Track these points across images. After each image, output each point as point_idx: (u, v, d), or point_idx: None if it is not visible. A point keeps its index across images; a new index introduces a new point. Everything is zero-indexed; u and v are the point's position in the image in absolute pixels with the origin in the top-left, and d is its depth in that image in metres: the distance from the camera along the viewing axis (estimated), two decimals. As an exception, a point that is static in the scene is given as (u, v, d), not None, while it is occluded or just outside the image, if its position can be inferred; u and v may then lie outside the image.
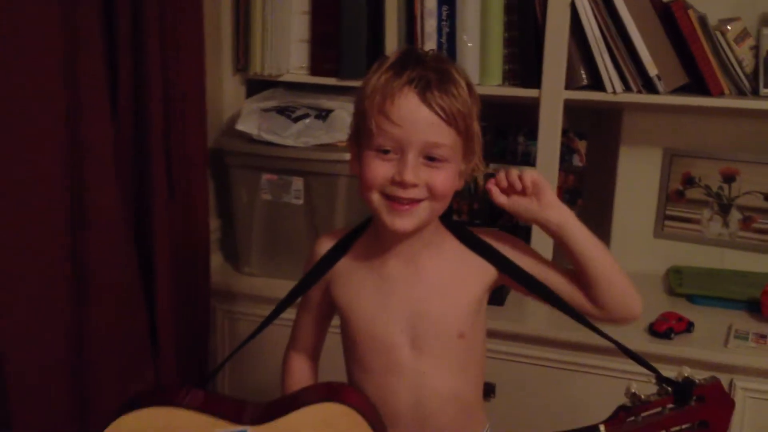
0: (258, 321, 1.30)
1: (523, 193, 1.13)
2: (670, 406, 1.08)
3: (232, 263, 2.08)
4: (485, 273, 1.19)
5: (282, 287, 1.29)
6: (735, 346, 1.69)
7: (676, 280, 1.97)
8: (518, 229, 2.05)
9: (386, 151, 1.10)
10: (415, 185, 1.09)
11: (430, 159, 1.10)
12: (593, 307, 1.15)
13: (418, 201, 1.10)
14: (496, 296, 1.87)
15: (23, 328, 1.35)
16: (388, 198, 1.10)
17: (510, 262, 1.17)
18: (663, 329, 1.72)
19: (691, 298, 1.90)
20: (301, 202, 1.90)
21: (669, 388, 1.08)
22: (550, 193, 1.13)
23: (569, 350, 1.76)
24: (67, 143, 1.35)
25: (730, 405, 1.10)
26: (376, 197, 1.11)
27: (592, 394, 1.75)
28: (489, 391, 1.81)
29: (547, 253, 1.77)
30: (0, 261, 1.29)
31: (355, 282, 1.21)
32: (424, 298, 1.17)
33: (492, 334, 1.75)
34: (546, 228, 1.15)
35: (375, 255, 1.20)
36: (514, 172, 1.13)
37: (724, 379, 1.60)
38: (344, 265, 1.22)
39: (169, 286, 1.64)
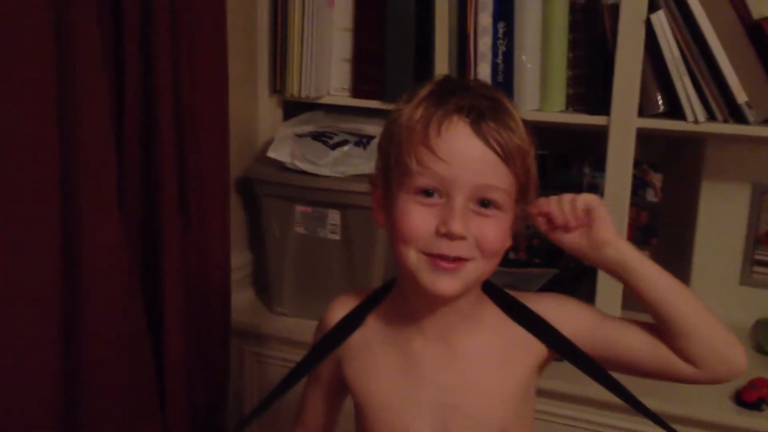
0: (288, 365, 1.14)
1: (577, 225, 0.94)
2: None
3: (263, 301, 1.95)
4: (533, 350, 1.00)
5: (315, 329, 1.12)
6: (836, 423, 1.45)
7: (766, 336, 1.75)
8: (581, 269, 1.86)
9: (429, 194, 0.91)
10: (463, 238, 0.90)
11: (483, 205, 0.91)
12: (686, 366, 0.94)
13: (465, 260, 0.91)
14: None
15: (9, 378, 1.22)
16: (429, 255, 0.91)
17: (561, 338, 0.98)
18: (753, 399, 1.53)
19: (784, 359, 1.68)
20: (337, 237, 1.76)
21: None
22: (606, 224, 0.93)
23: (629, 415, 1.51)
24: (60, 173, 1.22)
25: None
26: (414, 256, 0.92)
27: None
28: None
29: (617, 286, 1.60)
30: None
31: (373, 360, 1.03)
32: (458, 387, 0.98)
33: (543, 394, 1.58)
34: (605, 267, 0.95)
35: (399, 328, 1.01)
36: (565, 199, 0.94)
37: None
38: (360, 337, 1.04)
39: (180, 324, 1.51)
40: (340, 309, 1.06)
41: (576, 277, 1.83)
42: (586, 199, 0.93)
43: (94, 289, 1.31)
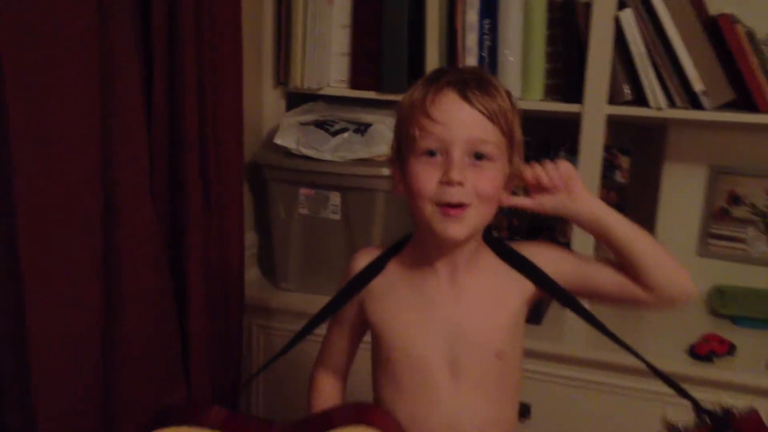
0: (291, 336, 1.28)
1: (554, 188, 1.12)
2: (708, 437, 1.05)
3: (269, 278, 2.07)
4: (523, 288, 1.18)
5: (318, 303, 1.27)
6: (780, 370, 1.65)
7: (719, 301, 1.94)
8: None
9: (432, 154, 1.09)
10: (461, 183, 1.07)
11: (477, 158, 1.09)
12: (645, 293, 1.13)
13: (466, 205, 1.09)
14: (534, 315, 1.85)
15: (55, 337, 1.34)
16: (440, 205, 1.09)
17: (545, 277, 1.16)
18: (704, 352, 1.69)
19: (735, 320, 1.86)
20: (338, 217, 1.90)
21: (707, 419, 1.06)
22: (580, 186, 1.12)
23: (607, 371, 1.73)
24: (100, 158, 1.35)
25: (767, 438, 1.06)
26: (429, 208, 1.10)
27: (628, 416, 1.73)
28: (524, 411, 1.79)
29: (588, 250, 1.77)
30: (36, 273, 1.30)
31: (392, 299, 1.20)
32: (463, 318, 1.16)
33: (529, 354, 1.71)
34: (579, 220, 1.14)
35: (415, 271, 1.19)
36: (545, 166, 1.12)
37: (766, 404, 1.58)
38: (380, 282, 1.21)
39: (202, 301, 1.64)
40: (364, 258, 1.23)
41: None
42: (565, 166, 1.12)
43: (130, 269, 1.44)
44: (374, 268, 1.21)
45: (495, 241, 1.21)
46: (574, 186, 1.12)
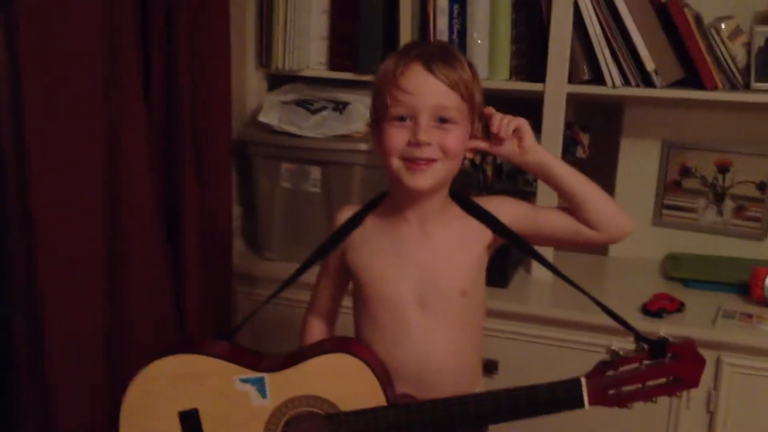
0: (277, 302, 1.41)
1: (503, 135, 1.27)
2: (647, 362, 1.19)
3: (253, 249, 2.18)
4: (483, 235, 1.33)
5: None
6: (722, 324, 1.78)
7: (672, 265, 2.07)
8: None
9: (402, 119, 1.24)
10: (428, 144, 1.22)
11: (442, 121, 1.23)
12: (590, 231, 1.29)
13: (433, 161, 1.24)
14: (500, 279, 1.98)
15: (66, 302, 1.47)
16: (407, 160, 1.24)
17: (502, 225, 1.32)
18: (655, 308, 1.82)
19: (685, 282, 2.00)
20: (318, 190, 2.01)
21: (645, 346, 1.19)
22: (530, 138, 1.28)
23: (569, 329, 1.86)
24: (105, 136, 1.47)
25: (701, 362, 1.21)
26: (396, 162, 1.25)
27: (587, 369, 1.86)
28: (492, 367, 1.91)
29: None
30: (49, 242, 1.42)
31: (369, 247, 1.34)
32: (432, 260, 1.31)
33: (495, 314, 1.87)
34: (529, 169, 1.30)
35: (388, 223, 1.34)
36: (503, 117, 1.28)
37: (711, 355, 1.75)
38: (360, 233, 1.36)
39: (196, 269, 1.76)
40: (346, 213, 1.39)
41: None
42: (517, 120, 1.28)
43: (130, 234, 1.57)
44: (354, 222, 1.36)
45: (459, 195, 1.36)
46: (525, 139, 1.27)
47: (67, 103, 1.41)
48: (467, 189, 2.04)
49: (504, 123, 1.27)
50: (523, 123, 1.28)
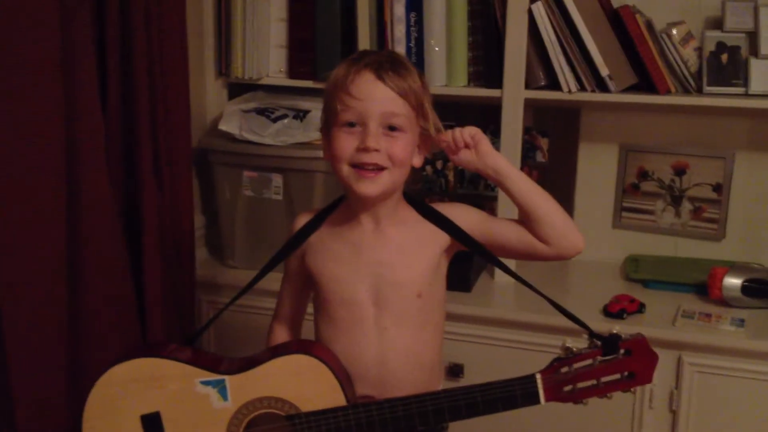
0: (241, 311, 1.42)
1: (467, 146, 1.29)
2: (600, 358, 1.21)
3: (216, 257, 2.18)
4: (439, 239, 1.34)
5: (264, 279, 1.41)
6: (682, 324, 1.81)
7: (632, 267, 2.09)
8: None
9: (351, 125, 1.26)
10: (377, 150, 1.24)
11: (390, 129, 1.25)
12: (542, 246, 1.29)
13: (381, 169, 1.25)
14: (464, 283, 1.99)
15: (25, 308, 1.46)
16: (356, 167, 1.25)
17: (457, 228, 1.33)
18: (616, 310, 1.85)
19: (645, 283, 2.03)
20: (280, 197, 2.01)
21: (599, 342, 1.21)
22: (486, 144, 1.29)
23: (532, 331, 1.87)
24: (63, 141, 1.47)
25: (654, 358, 1.23)
26: (345, 168, 1.27)
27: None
28: (457, 371, 1.93)
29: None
30: (6, 248, 1.41)
31: (327, 250, 1.36)
32: (387, 261, 1.32)
33: (459, 318, 1.90)
34: (487, 175, 1.31)
35: (344, 226, 1.35)
36: (457, 130, 1.30)
37: (672, 355, 1.78)
38: (318, 236, 1.37)
39: (158, 277, 1.75)
40: (303, 219, 1.40)
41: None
42: (470, 130, 1.30)
43: (90, 239, 1.56)
44: (311, 226, 1.38)
45: (415, 200, 1.37)
46: (480, 145, 1.29)
47: (22, 108, 1.40)
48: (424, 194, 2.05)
49: (458, 135, 1.29)
50: (475, 131, 1.30)
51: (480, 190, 2.24)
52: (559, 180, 2.20)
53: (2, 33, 1.35)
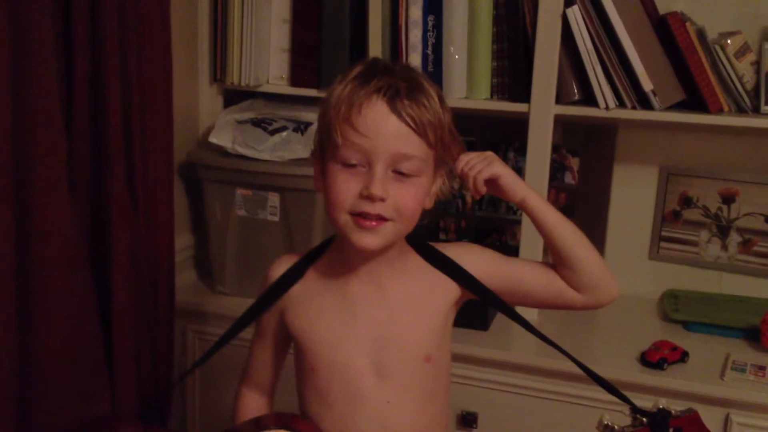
0: (230, 343, 1.22)
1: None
2: (646, 437, 1.00)
3: (205, 281, 2.02)
4: (449, 290, 1.15)
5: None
6: (732, 378, 1.61)
7: (672, 306, 1.91)
8: (507, 248, 1.99)
9: (353, 165, 1.04)
10: (383, 199, 1.02)
11: (400, 173, 1.04)
12: (573, 294, 1.13)
13: (385, 219, 1.04)
14: (480, 321, 1.81)
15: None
16: (355, 215, 1.04)
17: (470, 277, 1.13)
18: (656, 359, 1.66)
19: (687, 325, 1.84)
20: (276, 218, 1.84)
21: (644, 419, 1.02)
22: (506, 178, 1.10)
23: (554, 379, 1.69)
24: (8, 159, 1.27)
25: (708, 436, 1.02)
26: (343, 217, 1.05)
27: (576, 424, 1.68)
28: (471, 420, 1.76)
29: (537, 254, 1.75)
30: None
31: (314, 306, 1.15)
32: (389, 320, 1.11)
33: (475, 361, 1.74)
34: (515, 203, 1.13)
35: (336, 275, 1.14)
36: (470, 175, 1.09)
37: (719, 413, 1.60)
38: (300, 289, 1.16)
39: (128, 307, 1.56)
40: (282, 266, 1.18)
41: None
42: (488, 169, 1.09)
43: (46, 271, 1.36)
44: (293, 275, 1.16)
45: (419, 243, 1.17)
46: (500, 180, 1.10)
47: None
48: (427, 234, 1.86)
49: (472, 162, 1.10)
50: (495, 170, 1.09)
51: (501, 213, 2.05)
52: (590, 204, 2.02)
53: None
